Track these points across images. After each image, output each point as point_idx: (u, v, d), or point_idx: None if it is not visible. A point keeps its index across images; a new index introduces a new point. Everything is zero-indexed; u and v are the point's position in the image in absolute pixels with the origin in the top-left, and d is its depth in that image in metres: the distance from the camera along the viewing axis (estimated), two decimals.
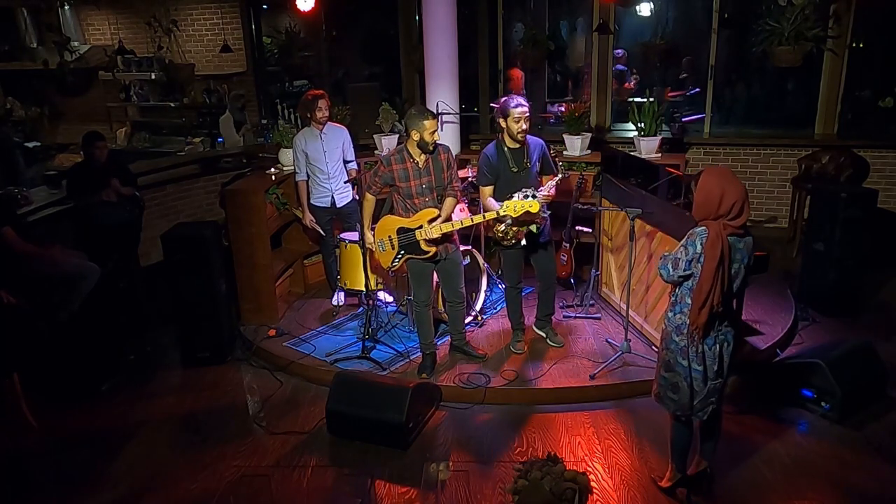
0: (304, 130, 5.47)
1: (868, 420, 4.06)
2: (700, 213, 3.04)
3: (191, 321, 4.99)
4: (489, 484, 3.62)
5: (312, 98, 5.35)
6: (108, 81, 9.64)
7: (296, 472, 3.80)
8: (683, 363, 3.14)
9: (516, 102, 4.35)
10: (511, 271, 4.71)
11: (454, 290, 4.57)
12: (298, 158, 5.40)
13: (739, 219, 2.98)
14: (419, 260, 4.39)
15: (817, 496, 3.49)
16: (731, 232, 2.98)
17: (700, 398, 3.18)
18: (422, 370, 4.60)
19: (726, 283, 2.98)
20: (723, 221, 2.97)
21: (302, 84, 9.76)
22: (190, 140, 9.18)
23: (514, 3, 8.36)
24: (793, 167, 7.01)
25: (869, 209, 5.20)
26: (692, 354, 3.11)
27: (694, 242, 3.01)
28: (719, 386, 3.17)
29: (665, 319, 3.26)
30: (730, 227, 2.97)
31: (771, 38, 6.54)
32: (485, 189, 4.51)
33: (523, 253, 4.64)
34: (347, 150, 5.53)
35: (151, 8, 8.86)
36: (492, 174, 4.46)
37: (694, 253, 3.00)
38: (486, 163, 4.46)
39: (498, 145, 4.49)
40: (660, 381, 3.31)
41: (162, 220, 6.68)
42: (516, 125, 4.34)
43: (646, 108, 6.36)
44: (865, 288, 5.59)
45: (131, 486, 3.74)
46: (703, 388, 3.15)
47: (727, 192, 2.96)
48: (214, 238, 4.99)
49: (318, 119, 5.35)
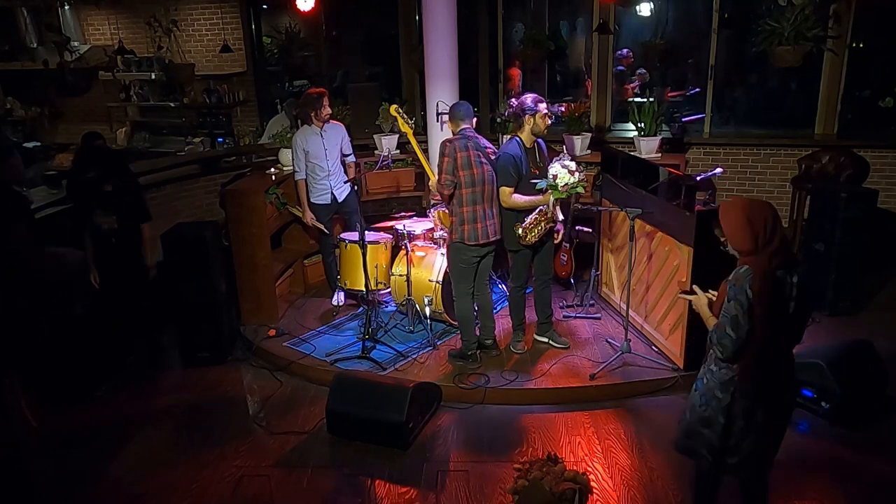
0: (303, 129, 5.45)
1: (868, 420, 4.06)
2: (739, 244, 2.61)
3: (191, 321, 4.99)
4: (489, 484, 3.62)
5: (318, 95, 5.34)
6: (108, 81, 9.66)
7: (296, 472, 3.80)
8: (722, 422, 2.70)
9: (540, 98, 4.39)
10: (520, 272, 4.68)
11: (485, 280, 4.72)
12: (298, 157, 5.39)
13: (778, 251, 2.53)
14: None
15: (817, 496, 3.49)
16: (777, 264, 2.54)
17: (739, 451, 2.73)
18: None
19: (783, 330, 2.54)
20: (768, 252, 2.53)
21: (302, 84, 9.76)
22: (190, 140, 9.19)
23: (514, 3, 8.36)
24: (793, 167, 7.01)
25: (869, 209, 5.21)
26: (738, 410, 2.66)
27: (742, 288, 2.53)
28: (766, 444, 2.73)
29: (706, 372, 2.77)
30: (776, 259, 2.53)
31: (771, 38, 6.54)
32: (507, 189, 4.41)
33: (531, 253, 4.64)
34: (346, 145, 5.57)
35: (151, 8, 8.87)
36: (517, 174, 4.40)
37: (747, 300, 2.51)
38: (513, 163, 4.37)
39: (520, 144, 4.45)
40: (687, 428, 2.86)
41: (162, 220, 6.66)
42: (543, 122, 4.38)
43: (646, 108, 6.37)
44: (865, 288, 5.60)
45: (131, 486, 3.73)
46: (744, 442, 2.70)
47: (754, 216, 2.56)
48: (214, 238, 4.99)
49: (323, 116, 5.34)
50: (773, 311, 2.52)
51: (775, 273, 2.52)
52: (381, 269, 5.17)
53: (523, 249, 4.55)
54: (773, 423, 2.72)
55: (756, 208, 2.60)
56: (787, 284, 2.55)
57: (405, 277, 5.08)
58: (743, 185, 7.37)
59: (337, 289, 5.68)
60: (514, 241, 4.51)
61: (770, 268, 2.51)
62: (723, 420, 2.68)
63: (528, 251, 4.59)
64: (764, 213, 2.57)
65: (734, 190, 7.37)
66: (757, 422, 2.66)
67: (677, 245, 4.46)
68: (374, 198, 6.74)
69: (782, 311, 2.56)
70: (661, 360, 4.62)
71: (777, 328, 2.55)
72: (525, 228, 4.39)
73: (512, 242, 4.55)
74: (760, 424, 2.67)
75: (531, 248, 4.57)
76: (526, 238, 4.42)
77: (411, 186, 6.84)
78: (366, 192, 6.62)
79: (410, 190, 6.84)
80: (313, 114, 5.34)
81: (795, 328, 2.66)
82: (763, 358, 2.57)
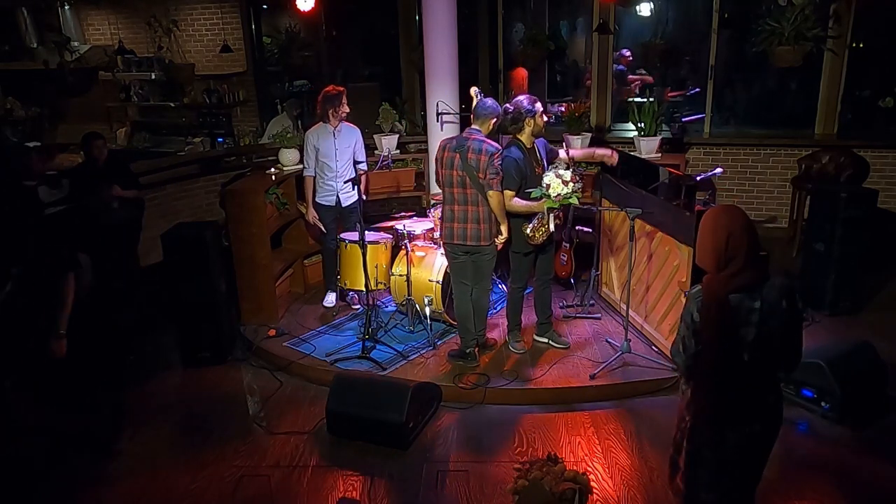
0: (317, 126, 5.40)
1: (868, 420, 4.06)
2: (701, 262, 2.43)
3: (191, 321, 4.98)
4: (489, 484, 3.62)
5: (337, 93, 5.29)
6: (108, 81, 9.66)
7: (296, 472, 3.79)
8: (688, 447, 2.51)
9: (535, 98, 4.41)
10: (522, 273, 4.68)
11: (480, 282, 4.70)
12: (308, 153, 5.37)
13: (742, 274, 2.32)
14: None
15: (817, 496, 3.49)
16: (733, 288, 2.33)
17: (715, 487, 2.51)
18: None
19: (737, 356, 2.33)
20: (727, 273, 2.34)
21: (302, 84, 9.77)
22: (190, 140, 9.19)
23: (514, 3, 8.36)
24: (793, 167, 7.01)
25: (869, 209, 5.21)
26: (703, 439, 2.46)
27: (689, 310, 2.40)
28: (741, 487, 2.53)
29: (679, 391, 2.64)
30: (732, 282, 2.32)
31: (771, 38, 6.54)
32: (510, 192, 4.36)
33: (535, 255, 4.63)
34: (359, 151, 5.48)
35: (151, 8, 8.87)
36: (520, 177, 4.36)
37: (692, 322, 2.39)
38: (515, 166, 4.33)
39: (521, 147, 4.43)
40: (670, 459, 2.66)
41: (162, 220, 6.67)
42: (541, 121, 4.40)
43: (646, 108, 6.37)
44: (865, 288, 5.60)
45: (131, 486, 3.74)
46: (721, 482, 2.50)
47: (719, 230, 2.36)
48: (214, 238, 4.99)
49: (341, 115, 5.30)
50: (723, 337, 2.32)
51: (727, 297, 2.31)
52: (381, 269, 5.17)
53: (528, 250, 4.54)
54: (745, 460, 2.49)
55: (722, 222, 2.35)
56: (742, 309, 2.32)
57: (405, 277, 5.08)
58: (743, 185, 7.38)
59: (328, 290, 5.66)
60: (520, 242, 4.49)
61: (722, 293, 2.31)
62: (688, 446, 2.50)
63: (532, 253, 4.58)
64: (730, 228, 2.32)
65: (734, 190, 7.37)
66: (728, 456, 2.45)
67: (677, 245, 4.47)
68: (374, 198, 6.74)
69: (737, 337, 2.33)
70: (661, 360, 4.62)
71: (731, 353, 2.33)
72: (533, 228, 4.39)
73: (518, 244, 4.53)
74: (734, 460, 2.46)
75: (535, 250, 4.57)
76: (535, 238, 4.41)
77: (411, 186, 6.84)
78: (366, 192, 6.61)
79: (410, 190, 6.84)
80: (331, 111, 5.29)
81: (768, 354, 2.37)
82: (720, 383, 2.37)
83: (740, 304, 2.32)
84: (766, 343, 2.35)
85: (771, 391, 2.47)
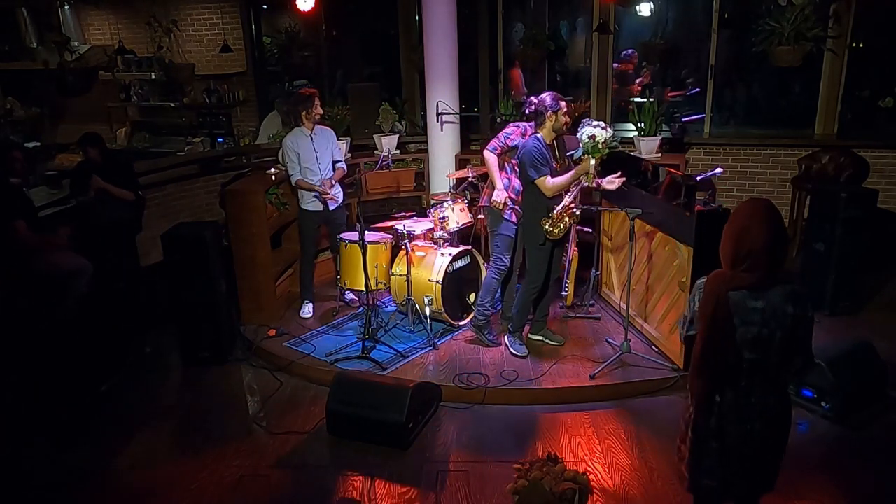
0: (294, 131, 5.28)
1: (868, 420, 4.06)
2: (721, 254, 2.43)
3: (191, 321, 4.98)
4: (489, 484, 3.62)
5: (309, 95, 5.18)
6: (108, 81, 9.65)
7: (296, 472, 3.80)
8: (691, 436, 2.54)
9: (560, 96, 4.43)
10: (539, 271, 4.63)
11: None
12: (291, 159, 5.21)
13: (749, 274, 2.33)
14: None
15: (817, 496, 3.48)
16: (735, 286, 2.34)
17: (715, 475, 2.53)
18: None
19: (734, 351, 2.35)
20: (733, 272, 2.36)
21: (302, 84, 9.77)
22: (190, 140, 9.19)
23: (514, 3, 8.36)
24: (793, 167, 7.01)
25: (869, 209, 5.20)
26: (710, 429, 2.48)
27: (692, 298, 2.50)
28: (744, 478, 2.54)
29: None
30: (735, 280, 2.34)
31: (771, 38, 6.54)
32: (543, 179, 4.37)
33: (551, 250, 4.62)
34: (336, 151, 5.42)
35: (151, 8, 8.85)
36: (545, 165, 4.39)
37: (691, 311, 2.51)
38: (539, 154, 4.36)
39: (541, 140, 4.43)
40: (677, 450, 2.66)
41: (162, 220, 6.67)
42: (564, 118, 4.42)
43: (646, 108, 6.37)
44: (865, 288, 5.60)
45: (131, 486, 3.73)
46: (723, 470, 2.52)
47: (742, 234, 2.34)
48: (214, 238, 4.99)
49: (314, 117, 5.18)
50: (714, 331, 2.33)
51: (726, 294, 2.32)
52: (381, 269, 5.17)
53: (547, 244, 4.52)
54: (746, 454, 2.50)
55: (755, 228, 2.32)
56: (742, 307, 2.33)
57: (405, 277, 5.08)
58: (743, 185, 7.37)
59: (304, 301, 5.61)
60: (539, 236, 4.47)
61: (722, 289, 2.33)
62: (691, 434, 2.52)
63: (548, 248, 4.56)
64: (752, 235, 2.31)
65: (734, 190, 7.37)
66: (729, 448, 2.47)
67: (677, 245, 4.47)
68: (374, 198, 6.74)
69: (731, 334, 2.33)
70: (661, 360, 4.62)
71: (722, 347, 2.34)
72: (552, 222, 4.39)
73: (537, 237, 4.50)
74: (735, 452, 2.48)
75: (551, 246, 4.56)
76: (554, 231, 4.42)
77: (411, 186, 6.85)
78: (366, 192, 6.62)
79: (410, 190, 6.85)
80: (304, 113, 5.17)
81: (769, 355, 2.37)
82: (713, 376, 2.40)
83: (740, 303, 2.34)
84: (767, 344, 2.35)
85: (772, 392, 2.45)
